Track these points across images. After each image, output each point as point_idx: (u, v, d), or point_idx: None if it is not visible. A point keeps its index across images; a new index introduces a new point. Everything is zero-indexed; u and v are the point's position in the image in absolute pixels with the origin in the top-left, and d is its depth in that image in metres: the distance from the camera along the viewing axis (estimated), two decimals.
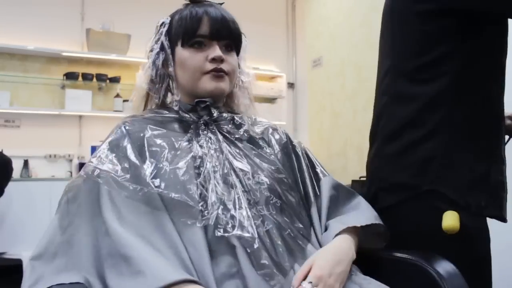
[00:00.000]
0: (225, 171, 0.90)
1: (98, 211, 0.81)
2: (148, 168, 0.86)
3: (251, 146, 0.99)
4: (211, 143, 0.93)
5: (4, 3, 3.56)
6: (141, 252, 0.74)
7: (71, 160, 3.74)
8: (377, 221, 0.97)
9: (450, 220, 0.95)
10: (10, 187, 2.81)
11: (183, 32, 0.95)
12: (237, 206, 0.85)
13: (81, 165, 3.65)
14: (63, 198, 0.85)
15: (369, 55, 3.36)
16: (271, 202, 0.90)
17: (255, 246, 0.81)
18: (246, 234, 0.81)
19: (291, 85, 4.67)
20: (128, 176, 0.84)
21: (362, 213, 0.99)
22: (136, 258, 0.73)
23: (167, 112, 0.98)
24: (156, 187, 0.83)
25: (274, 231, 0.85)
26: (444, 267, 0.87)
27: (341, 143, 3.66)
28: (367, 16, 3.42)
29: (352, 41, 3.59)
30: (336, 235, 0.91)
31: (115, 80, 3.81)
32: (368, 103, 3.63)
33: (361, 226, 0.94)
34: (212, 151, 0.91)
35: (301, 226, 0.91)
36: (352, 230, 0.94)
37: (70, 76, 3.68)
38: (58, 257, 0.77)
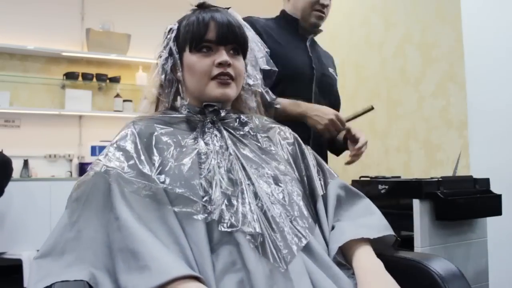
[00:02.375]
0: (230, 166, 0.91)
1: (108, 206, 0.82)
2: (154, 165, 0.87)
3: (257, 143, 1.01)
4: (216, 140, 0.95)
5: (4, 3, 3.56)
6: (150, 247, 0.75)
7: (71, 160, 3.75)
8: (389, 231, 0.97)
9: None
10: (10, 187, 2.81)
11: (190, 37, 0.97)
12: (241, 201, 0.86)
13: (81, 165, 3.65)
14: (72, 195, 0.86)
15: (369, 55, 3.36)
16: (275, 194, 0.91)
17: (259, 240, 0.82)
18: (250, 229, 0.82)
19: None
20: (134, 172, 0.85)
21: (374, 220, 0.99)
22: (143, 253, 0.74)
23: (175, 113, 1.00)
24: (161, 183, 0.85)
25: (278, 222, 0.86)
26: (445, 267, 0.86)
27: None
28: (367, 16, 3.42)
29: (352, 41, 3.59)
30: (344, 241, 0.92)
31: (115, 80, 3.82)
32: (368, 103, 3.64)
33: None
34: (217, 148, 0.93)
35: (304, 218, 0.92)
36: (364, 239, 0.94)
37: (70, 76, 3.69)
38: (66, 253, 0.78)
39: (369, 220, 0.98)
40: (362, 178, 2.16)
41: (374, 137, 3.26)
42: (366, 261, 0.90)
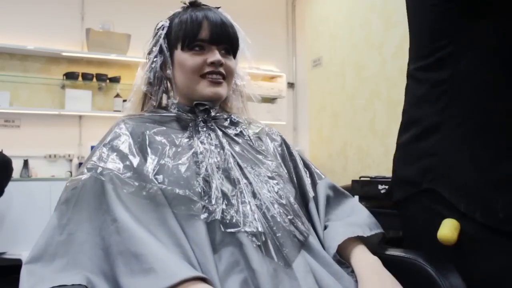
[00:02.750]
0: (227, 166, 0.91)
1: (101, 208, 0.79)
2: (150, 165, 0.86)
3: (249, 142, 1.01)
4: (211, 139, 0.94)
5: (4, 3, 3.57)
6: (152, 249, 0.73)
7: (71, 160, 3.74)
8: (379, 229, 0.99)
9: (446, 229, 0.82)
10: (10, 187, 2.81)
11: (183, 35, 0.96)
12: (240, 200, 0.86)
13: (81, 165, 3.64)
14: (61, 196, 0.84)
15: (369, 55, 3.37)
16: (273, 193, 0.91)
17: (262, 239, 0.82)
18: (251, 229, 0.82)
19: (291, 85, 4.67)
20: (130, 173, 0.83)
21: (364, 219, 1.00)
22: (146, 255, 0.72)
23: (165, 112, 0.99)
24: (159, 183, 0.83)
25: (279, 221, 0.86)
26: (443, 266, 0.87)
27: (341, 143, 3.66)
28: (367, 16, 3.42)
29: (352, 41, 3.59)
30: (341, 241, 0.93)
31: (115, 80, 3.81)
32: (368, 103, 3.65)
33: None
34: (213, 147, 0.92)
35: (301, 217, 0.93)
36: (357, 237, 0.95)
37: (70, 76, 3.68)
38: (58, 257, 0.75)
39: (359, 219, 0.99)
40: (362, 178, 2.16)
41: (374, 137, 3.26)
42: (365, 258, 0.91)
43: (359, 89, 3.48)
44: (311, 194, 1.01)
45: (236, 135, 0.99)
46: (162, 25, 1.01)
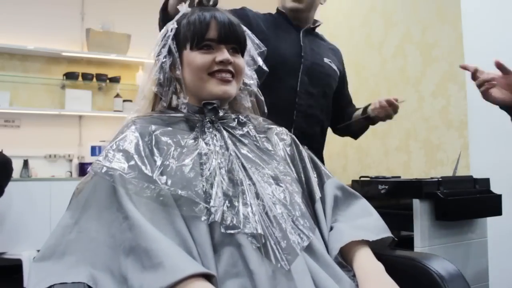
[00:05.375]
0: (231, 167, 0.91)
1: (111, 207, 0.80)
2: (154, 166, 0.86)
3: (256, 143, 1.01)
4: (216, 140, 0.94)
5: (4, 3, 3.57)
6: (162, 245, 0.74)
7: (71, 160, 3.74)
8: (387, 233, 0.98)
9: None
10: (10, 187, 2.81)
11: (191, 35, 0.97)
12: (242, 202, 0.86)
13: (81, 165, 3.65)
14: (73, 197, 0.86)
15: (369, 55, 3.36)
16: (276, 194, 0.91)
17: (262, 241, 0.81)
18: (252, 231, 0.82)
19: None
20: (135, 173, 0.84)
21: (372, 221, 0.99)
22: (156, 251, 0.73)
23: (174, 112, 0.99)
24: (163, 184, 0.84)
25: (280, 222, 0.86)
26: (445, 267, 0.86)
27: (341, 143, 3.66)
28: (367, 16, 3.42)
29: (352, 41, 3.59)
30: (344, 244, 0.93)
31: (115, 80, 3.81)
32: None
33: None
34: (218, 148, 0.93)
35: (305, 218, 0.92)
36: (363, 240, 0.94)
37: (70, 76, 3.69)
38: (67, 255, 0.77)
39: (367, 221, 0.99)
40: (362, 178, 2.16)
41: (374, 137, 3.26)
42: (367, 263, 0.90)
43: (359, 89, 3.48)
44: (318, 195, 1.01)
45: (243, 135, 0.99)
46: (171, 27, 1.01)
